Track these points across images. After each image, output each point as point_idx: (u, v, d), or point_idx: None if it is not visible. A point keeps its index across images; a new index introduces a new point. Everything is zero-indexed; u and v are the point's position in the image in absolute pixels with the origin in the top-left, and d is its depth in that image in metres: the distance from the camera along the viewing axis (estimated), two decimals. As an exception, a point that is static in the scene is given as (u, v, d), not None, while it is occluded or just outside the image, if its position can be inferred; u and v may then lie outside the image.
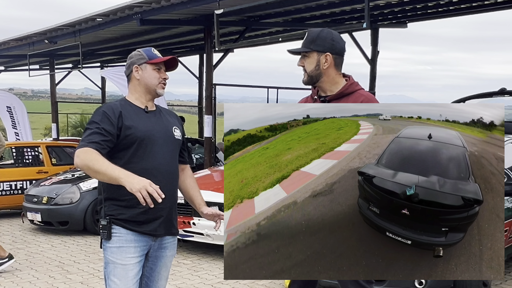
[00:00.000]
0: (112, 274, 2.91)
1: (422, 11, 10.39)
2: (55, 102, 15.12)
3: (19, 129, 14.46)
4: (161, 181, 2.86)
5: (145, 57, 2.99)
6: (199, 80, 15.20)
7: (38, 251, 7.32)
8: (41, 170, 10.23)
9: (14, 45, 12.90)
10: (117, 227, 2.90)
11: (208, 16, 8.94)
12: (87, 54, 13.51)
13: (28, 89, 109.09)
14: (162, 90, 3.02)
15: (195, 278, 5.97)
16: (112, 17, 9.38)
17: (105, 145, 2.81)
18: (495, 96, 7.59)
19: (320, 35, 2.93)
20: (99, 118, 2.86)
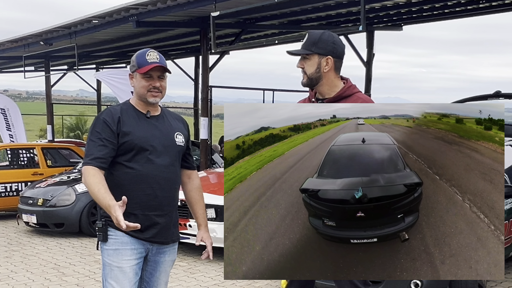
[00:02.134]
0: (109, 276, 2.91)
1: (417, 14, 10.42)
2: (51, 104, 15.07)
3: (13, 131, 14.40)
4: (158, 188, 2.87)
5: (135, 65, 2.95)
6: (195, 82, 15.19)
7: (33, 253, 7.30)
8: (37, 172, 10.20)
9: (9, 46, 12.86)
10: (113, 229, 2.89)
11: (204, 18, 8.95)
12: (82, 56, 13.48)
13: (23, 91, 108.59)
14: (153, 99, 2.95)
15: (191, 280, 5.97)
16: (108, 19, 9.37)
17: (108, 156, 2.85)
18: (490, 99, 7.63)
19: (322, 38, 2.91)
20: (100, 127, 2.87)
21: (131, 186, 2.86)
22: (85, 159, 2.87)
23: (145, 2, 8.32)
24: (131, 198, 2.77)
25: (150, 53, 2.97)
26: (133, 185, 2.87)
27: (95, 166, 2.80)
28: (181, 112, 35.72)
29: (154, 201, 2.92)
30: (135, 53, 3.02)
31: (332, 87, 2.97)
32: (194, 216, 3.22)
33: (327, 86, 2.97)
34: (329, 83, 2.96)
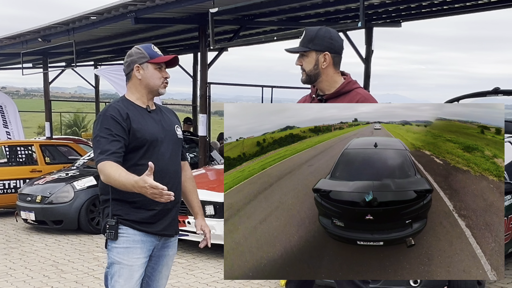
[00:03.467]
0: (117, 274, 2.88)
1: (416, 10, 10.40)
2: (49, 101, 15.04)
3: (10, 128, 14.38)
4: (169, 182, 2.85)
5: (147, 55, 2.92)
6: (193, 79, 15.16)
7: (32, 250, 7.29)
8: (35, 169, 10.19)
9: (7, 43, 12.81)
10: (125, 227, 2.87)
11: (203, 15, 8.92)
12: (80, 52, 13.43)
13: (21, 88, 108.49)
14: (164, 90, 2.98)
15: (190, 277, 5.97)
16: (106, 15, 9.34)
17: (122, 151, 2.80)
18: (489, 96, 7.62)
19: (318, 34, 2.90)
20: (110, 123, 2.81)
21: None
22: (99, 156, 2.76)
23: (143, -1, 8.30)
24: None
25: (154, 46, 2.99)
26: None
27: (112, 160, 2.74)
28: (179, 109, 35.74)
29: None
30: (137, 46, 2.98)
31: (332, 83, 2.96)
32: (190, 206, 3.21)
33: (327, 82, 2.96)
34: (328, 79, 2.95)
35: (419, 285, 4.27)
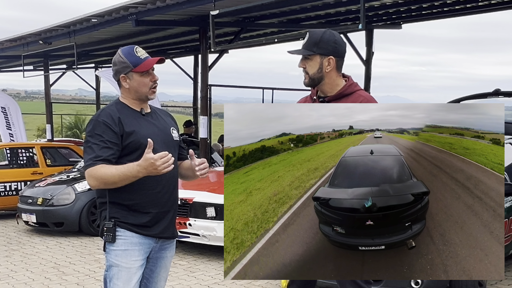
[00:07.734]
0: (115, 277, 2.88)
1: (417, 12, 10.41)
2: (50, 103, 15.04)
3: (13, 130, 14.38)
4: (165, 185, 2.86)
5: (129, 65, 2.88)
6: (194, 81, 15.18)
7: (33, 253, 7.30)
8: (36, 171, 10.20)
9: (8, 45, 12.83)
10: (122, 229, 2.87)
11: (204, 17, 8.93)
12: (81, 55, 13.46)
13: (21, 90, 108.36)
14: (153, 95, 2.97)
15: (191, 279, 5.97)
16: (107, 18, 9.35)
17: (112, 158, 2.79)
18: (489, 97, 7.63)
19: (323, 38, 2.89)
20: (101, 129, 2.80)
21: (141, 186, 2.83)
22: (87, 162, 2.77)
23: (144, 1, 8.31)
24: (143, 198, 2.80)
25: (137, 49, 2.92)
26: (142, 185, 2.82)
27: (99, 165, 2.75)
28: (180, 111, 35.73)
29: (163, 197, 2.92)
30: (119, 53, 2.93)
31: (334, 86, 2.97)
32: (187, 167, 3.10)
33: (329, 85, 2.97)
34: (331, 82, 2.96)
35: (420, 286, 4.27)
